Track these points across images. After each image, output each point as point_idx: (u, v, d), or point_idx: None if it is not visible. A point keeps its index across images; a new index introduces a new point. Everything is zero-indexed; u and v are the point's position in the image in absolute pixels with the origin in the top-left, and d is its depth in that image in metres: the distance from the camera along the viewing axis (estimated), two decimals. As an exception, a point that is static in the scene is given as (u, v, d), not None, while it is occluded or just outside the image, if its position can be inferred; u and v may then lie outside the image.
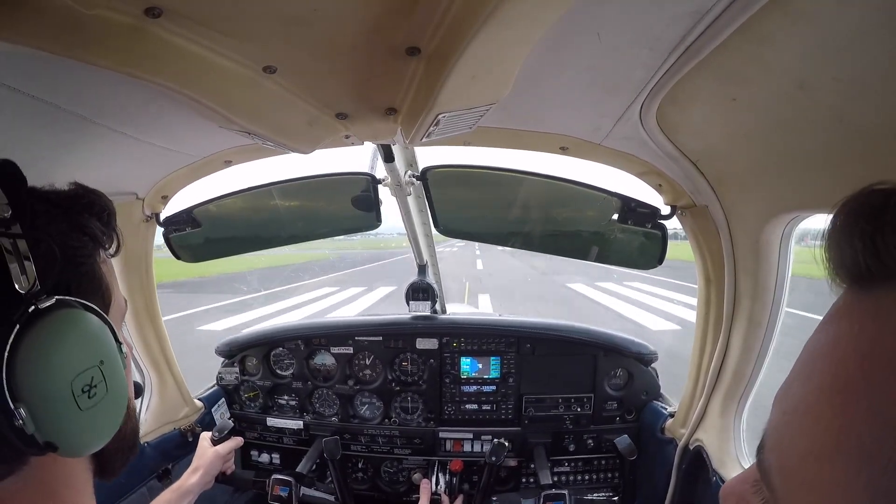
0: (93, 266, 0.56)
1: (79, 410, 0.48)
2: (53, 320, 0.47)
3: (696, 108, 0.95)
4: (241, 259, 29.59)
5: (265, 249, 2.08)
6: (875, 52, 0.61)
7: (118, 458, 0.60)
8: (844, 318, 0.32)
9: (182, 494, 1.33)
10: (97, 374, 0.51)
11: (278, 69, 0.80)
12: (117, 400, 0.54)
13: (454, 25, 0.67)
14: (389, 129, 1.06)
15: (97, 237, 0.57)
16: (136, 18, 0.62)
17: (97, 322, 0.52)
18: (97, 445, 0.53)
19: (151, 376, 1.73)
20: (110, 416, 0.54)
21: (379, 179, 1.61)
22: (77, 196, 0.57)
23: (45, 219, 0.52)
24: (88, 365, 0.50)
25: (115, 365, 0.54)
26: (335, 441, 1.77)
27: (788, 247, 1.15)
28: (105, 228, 0.59)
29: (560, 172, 1.52)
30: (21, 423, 0.44)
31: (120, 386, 0.54)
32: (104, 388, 0.51)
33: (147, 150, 1.22)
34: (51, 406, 0.46)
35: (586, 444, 1.95)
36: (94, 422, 0.51)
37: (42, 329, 0.46)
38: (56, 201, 0.54)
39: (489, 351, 1.99)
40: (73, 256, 0.53)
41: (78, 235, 0.54)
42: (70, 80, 0.82)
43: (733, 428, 1.39)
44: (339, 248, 45.80)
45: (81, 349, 0.50)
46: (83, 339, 0.50)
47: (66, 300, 0.50)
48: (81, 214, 0.56)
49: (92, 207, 0.58)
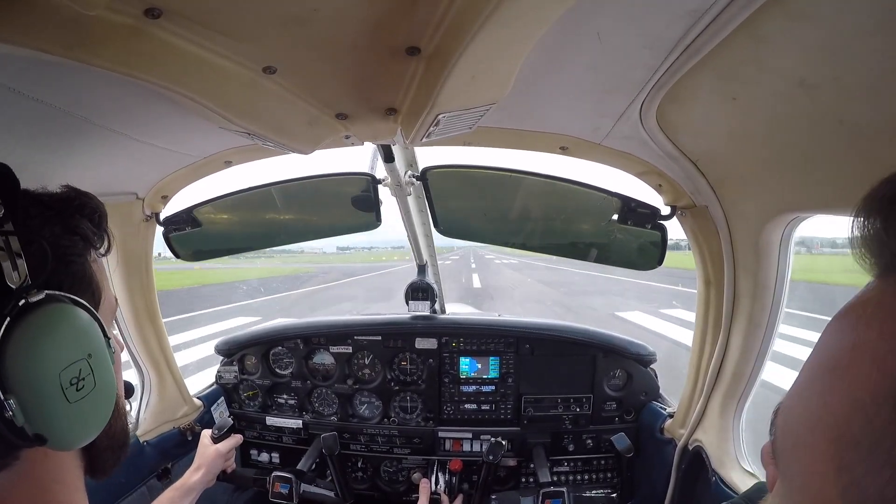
0: (83, 265, 0.58)
1: (67, 403, 0.49)
2: (43, 314, 0.49)
3: (697, 107, 0.95)
4: (198, 271, 26.79)
5: (265, 249, 2.08)
6: (875, 52, 0.61)
7: (109, 455, 0.61)
8: (858, 304, 0.32)
9: (185, 493, 1.33)
10: (85, 366, 0.52)
11: (278, 69, 0.80)
12: (105, 393, 0.55)
13: (454, 25, 0.67)
14: (389, 129, 1.06)
15: (88, 237, 0.59)
16: (136, 19, 0.62)
17: (86, 317, 0.54)
18: (86, 438, 0.54)
19: (151, 376, 1.73)
20: (99, 410, 0.55)
21: (379, 179, 1.61)
22: (69, 199, 0.59)
23: (39, 221, 0.53)
24: (76, 357, 0.51)
25: (103, 359, 0.55)
26: (333, 437, 1.77)
27: (788, 247, 1.15)
28: (96, 229, 0.61)
29: (560, 172, 1.52)
30: (11, 415, 0.45)
31: (108, 380, 0.55)
32: (92, 381, 0.52)
33: (147, 150, 1.22)
34: (40, 398, 0.47)
35: (585, 444, 1.95)
36: (83, 414, 0.52)
37: (31, 322, 0.48)
38: (49, 203, 0.56)
39: (488, 351, 1.99)
40: (63, 255, 0.54)
41: (69, 236, 0.56)
42: (71, 82, 0.82)
43: (733, 428, 1.39)
44: (319, 262, 43.72)
45: (70, 342, 0.51)
46: (71, 333, 0.51)
47: (55, 295, 0.51)
48: (73, 216, 0.58)
49: (83, 209, 0.59)
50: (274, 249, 26.57)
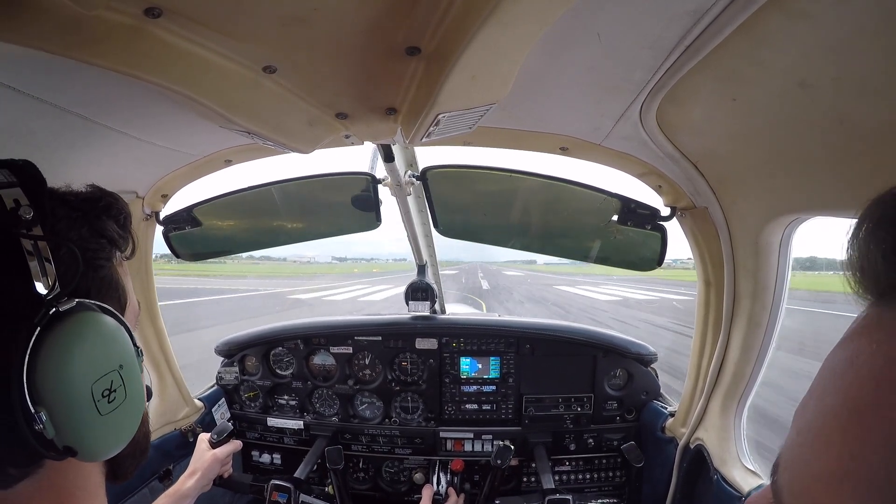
0: (110, 269, 0.56)
1: (98, 415, 0.48)
2: (74, 323, 0.47)
3: (697, 108, 0.95)
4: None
5: (264, 249, 2.08)
6: (875, 52, 0.61)
7: (131, 461, 0.60)
8: (864, 334, 0.30)
9: (179, 499, 1.31)
10: (117, 378, 0.50)
11: (278, 69, 0.80)
12: (135, 404, 0.53)
13: (454, 25, 0.67)
14: (389, 128, 1.06)
15: (115, 240, 0.57)
16: (136, 19, 0.63)
17: (116, 325, 0.52)
18: (115, 450, 0.52)
19: (151, 376, 1.73)
20: (128, 421, 0.53)
21: (379, 179, 1.61)
22: (95, 199, 0.57)
23: (66, 223, 0.51)
24: (109, 369, 0.49)
25: (134, 369, 0.53)
26: (338, 451, 1.76)
27: (788, 248, 1.15)
28: (122, 231, 0.58)
29: (560, 173, 1.52)
30: (41, 428, 0.44)
31: (138, 390, 0.54)
32: (123, 393, 0.51)
33: (147, 149, 1.22)
34: (71, 410, 0.46)
35: (587, 443, 1.95)
36: (113, 427, 0.50)
37: (63, 332, 0.46)
38: (75, 204, 0.54)
39: (489, 351, 1.99)
40: (92, 259, 0.52)
41: (97, 239, 0.54)
42: (71, 81, 0.82)
43: (734, 427, 1.40)
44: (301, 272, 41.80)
45: (102, 353, 0.49)
46: (103, 343, 0.49)
47: (85, 303, 0.49)
48: (100, 218, 0.55)
49: (109, 210, 0.57)
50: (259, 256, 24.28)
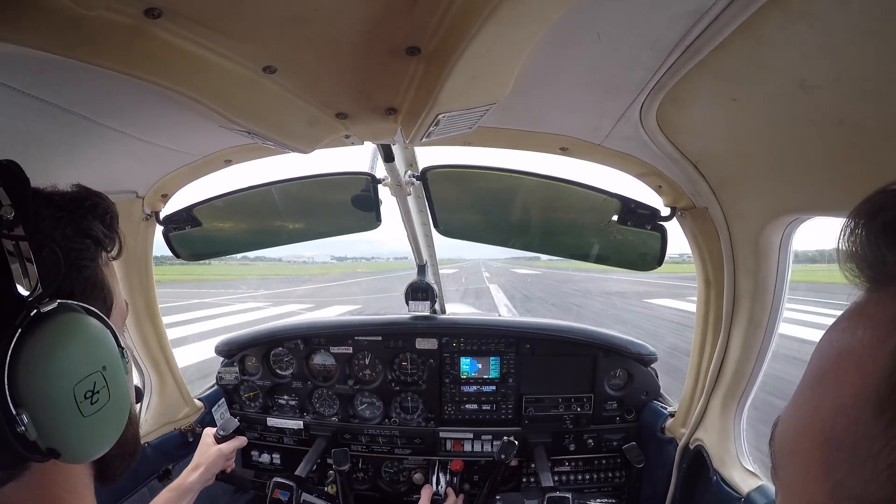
0: (95, 270, 0.55)
1: (81, 417, 0.47)
2: (56, 324, 0.47)
3: (697, 108, 0.95)
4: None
5: (264, 248, 2.08)
6: (875, 52, 0.61)
7: (119, 463, 0.59)
8: (846, 317, 0.34)
9: (182, 493, 1.32)
10: (100, 379, 0.50)
11: (278, 69, 0.80)
12: (120, 406, 0.53)
13: (454, 25, 0.67)
14: (389, 128, 1.06)
15: (100, 240, 0.56)
16: (136, 19, 0.63)
17: (99, 326, 0.52)
18: (99, 452, 0.52)
19: (151, 376, 1.73)
20: (113, 423, 0.53)
21: (379, 179, 1.61)
22: (80, 199, 0.56)
23: (50, 223, 0.51)
24: (91, 370, 0.49)
25: (118, 370, 0.53)
26: (344, 452, 1.76)
27: (788, 248, 1.15)
28: (108, 231, 0.58)
29: (560, 173, 1.52)
30: (23, 430, 0.44)
31: (122, 392, 0.53)
32: (107, 394, 0.50)
33: (147, 149, 1.22)
34: (53, 412, 0.46)
35: (587, 443, 1.95)
36: (97, 428, 0.50)
37: (44, 333, 0.46)
38: (60, 204, 0.54)
39: (489, 351, 1.99)
40: (76, 260, 0.52)
41: (81, 239, 0.54)
42: (71, 81, 0.82)
43: (733, 427, 1.39)
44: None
45: (84, 354, 0.49)
46: (86, 344, 0.49)
47: (68, 304, 0.49)
48: (85, 217, 0.55)
49: (95, 210, 0.57)
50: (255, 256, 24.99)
